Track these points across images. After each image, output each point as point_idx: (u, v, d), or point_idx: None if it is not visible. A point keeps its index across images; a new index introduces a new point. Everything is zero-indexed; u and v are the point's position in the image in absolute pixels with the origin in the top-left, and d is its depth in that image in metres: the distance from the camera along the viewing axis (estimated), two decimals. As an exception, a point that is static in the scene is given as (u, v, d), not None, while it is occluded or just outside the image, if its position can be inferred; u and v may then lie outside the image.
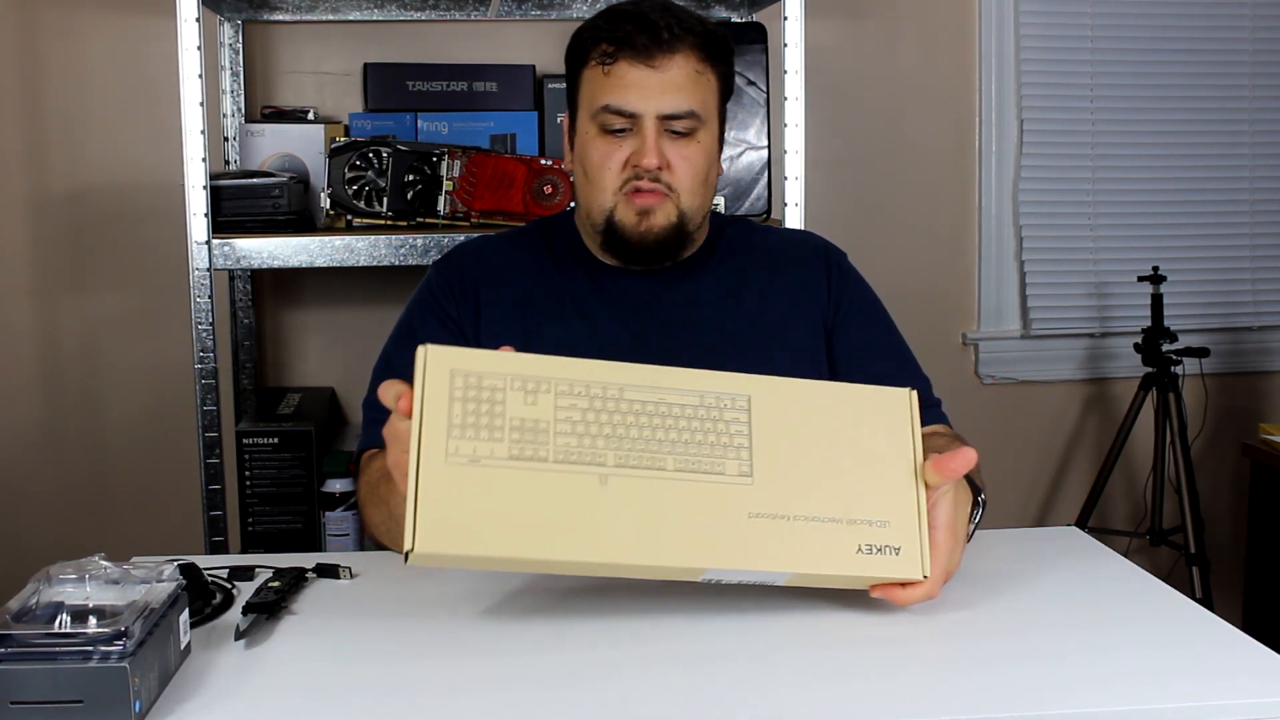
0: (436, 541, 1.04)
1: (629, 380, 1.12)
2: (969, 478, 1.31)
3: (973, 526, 1.28)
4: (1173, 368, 2.69)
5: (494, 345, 1.48)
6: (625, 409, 1.11)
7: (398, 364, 1.53)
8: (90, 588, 1.03)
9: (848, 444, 1.15)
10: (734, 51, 1.53)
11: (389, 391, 1.10)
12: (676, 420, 1.12)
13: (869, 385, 1.18)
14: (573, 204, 1.66)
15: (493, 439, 1.07)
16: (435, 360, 1.08)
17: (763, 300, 1.55)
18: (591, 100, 1.47)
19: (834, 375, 1.55)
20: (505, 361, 1.10)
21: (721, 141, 1.55)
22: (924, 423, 1.51)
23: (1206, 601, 2.59)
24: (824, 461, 1.14)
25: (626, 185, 1.46)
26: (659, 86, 1.44)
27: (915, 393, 1.18)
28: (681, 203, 1.48)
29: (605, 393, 1.11)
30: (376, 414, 1.50)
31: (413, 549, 1.03)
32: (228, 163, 2.46)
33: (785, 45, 2.13)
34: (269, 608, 1.18)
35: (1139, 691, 1.02)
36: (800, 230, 2.00)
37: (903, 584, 1.14)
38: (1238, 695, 1.02)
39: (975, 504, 1.27)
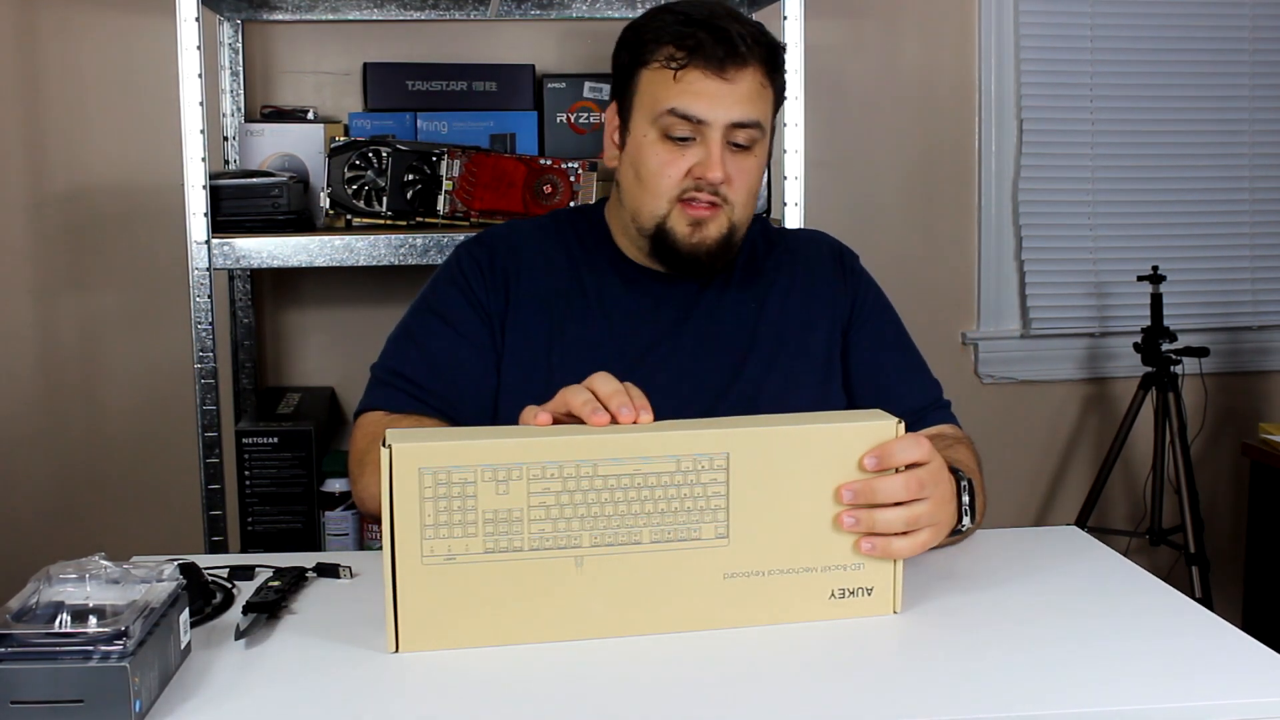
0: (419, 641, 1.09)
1: (604, 453, 1.09)
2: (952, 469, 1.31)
3: (965, 498, 1.30)
4: (1172, 367, 2.69)
5: (520, 338, 1.49)
6: (600, 485, 1.09)
7: (419, 334, 1.51)
8: (90, 587, 1.03)
9: (827, 487, 1.14)
10: (784, 63, 1.52)
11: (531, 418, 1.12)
12: (653, 490, 1.10)
13: (855, 420, 1.15)
14: (579, 201, 1.65)
15: (466, 535, 1.08)
16: (401, 459, 1.06)
17: (781, 303, 1.55)
18: (654, 103, 1.43)
19: (848, 377, 1.56)
20: (474, 449, 1.07)
21: (770, 154, 1.53)
22: (932, 423, 1.53)
23: (1206, 601, 2.59)
24: (801, 511, 1.14)
25: (684, 194, 1.44)
26: (730, 96, 1.41)
27: (903, 424, 1.15)
28: (734, 215, 1.46)
29: (579, 471, 1.08)
30: (389, 377, 1.48)
31: (396, 650, 1.09)
32: (227, 162, 2.46)
33: (785, 45, 2.13)
34: (269, 607, 1.18)
35: (1139, 691, 1.02)
36: (812, 230, 2.00)
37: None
38: (1238, 695, 1.02)
39: (960, 488, 1.29)
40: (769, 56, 1.45)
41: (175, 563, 1.12)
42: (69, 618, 0.97)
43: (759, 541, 1.13)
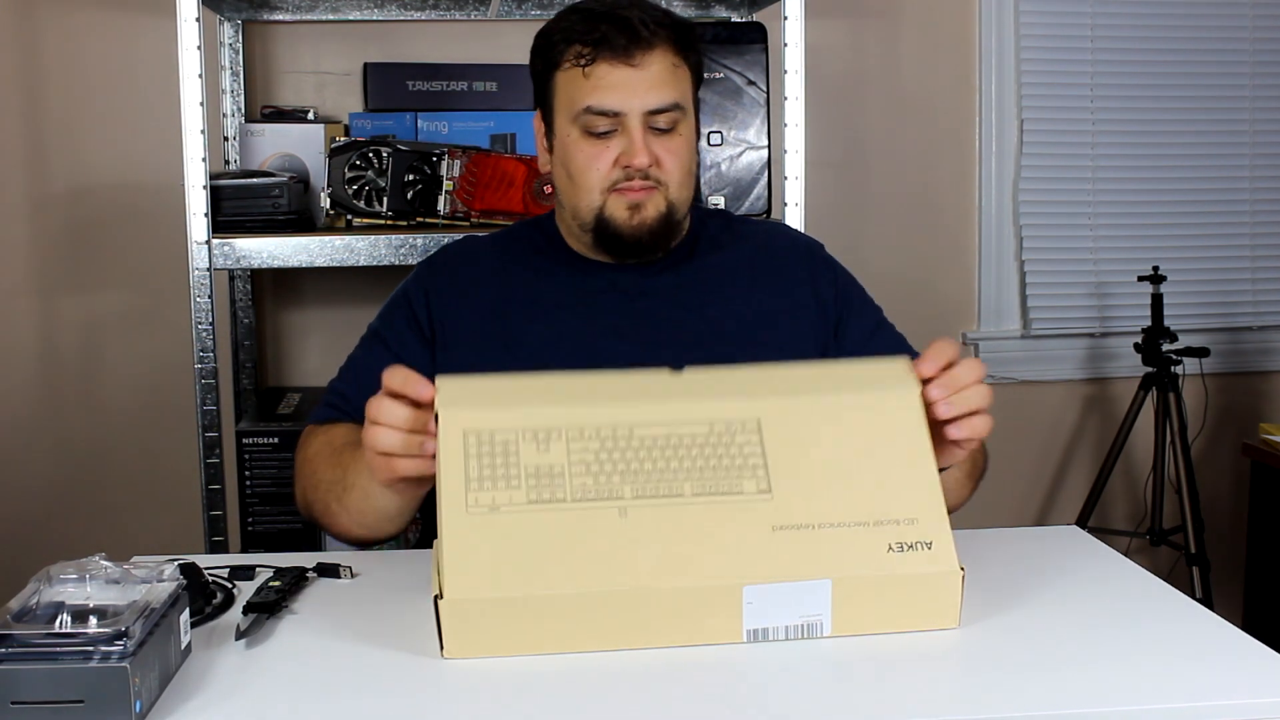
0: (464, 588, 1.07)
1: (637, 418, 1.14)
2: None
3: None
4: (1173, 367, 2.69)
5: (470, 350, 1.51)
6: (637, 444, 1.13)
7: (363, 359, 1.55)
8: (91, 588, 1.03)
9: (861, 447, 1.16)
10: (700, 39, 1.55)
11: (396, 376, 1.17)
12: (689, 449, 1.13)
13: (877, 389, 1.18)
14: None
15: (510, 487, 1.11)
16: (446, 424, 1.13)
17: (748, 295, 1.56)
18: (571, 103, 1.46)
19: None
20: (514, 415, 1.13)
21: (698, 131, 1.56)
22: None
23: (1206, 601, 2.59)
24: (840, 468, 1.15)
25: (615, 185, 1.47)
26: (642, 84, 1.44)
27: (908, 360, 1.21)
28: (670, 194, 1.48)
29: (616, 432, 1.13)
30: (333, 397, 1.53)
31: (441, 595, 1.07)
32: (228, 163, 2.46)
33: (785, 45, 2.13)
34: (270, 607, 1.18)
35: (1139, 691, 1.02)
36: (776, 223, 2.01)
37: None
38: (1238, 695, 1.02)
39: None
40: (677, 36, 1.47)
41: (176, 563, 1.12)
42: (69, 618, 0.97)
43: (803, 496, 1.13)
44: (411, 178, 2.10)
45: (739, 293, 1.56)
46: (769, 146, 2.23)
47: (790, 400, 1.17)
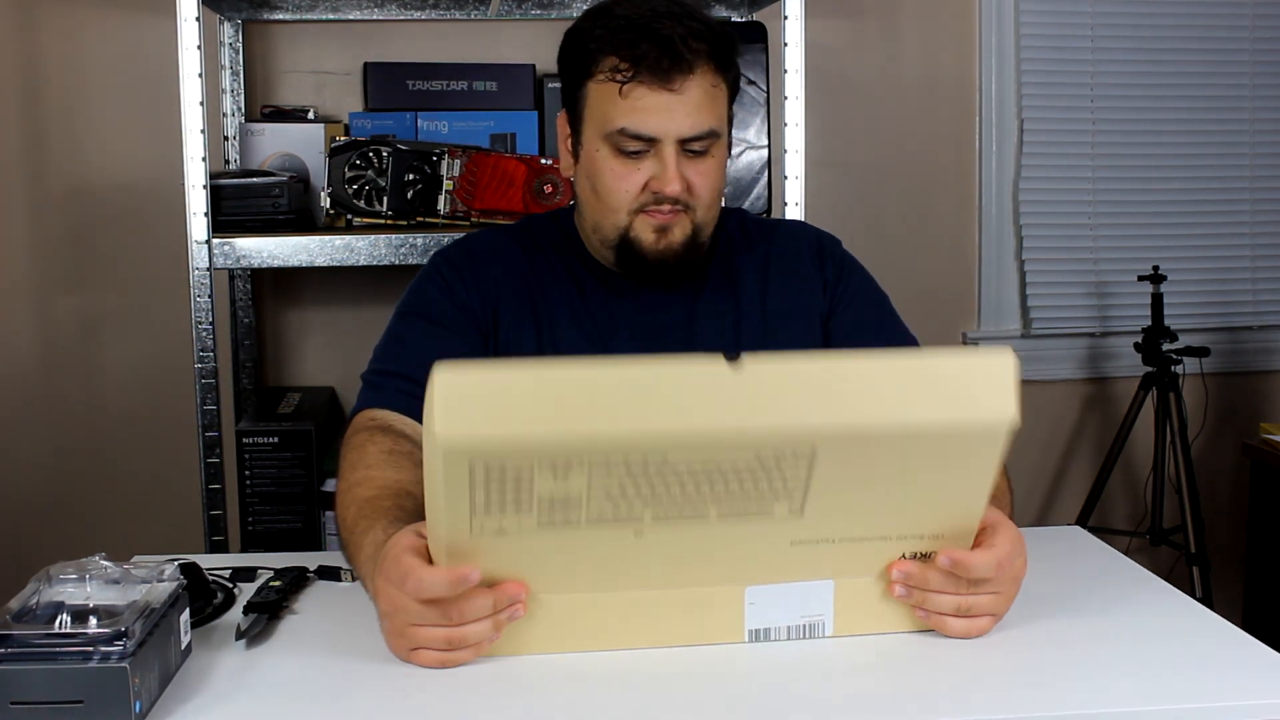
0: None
1: (674, 444, 0.97)
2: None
3: None
4: (1173, 367, 2.69)
5: (513, 347, 1.46)
6: (668, 472, 0.99)
7: (406, 335, 1.47)
8: (91, 588, 1.03)
9: (919, 482, 1.05)
10: (738, 48, 1.48)
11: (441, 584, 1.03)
12: (725, 475, 1.00)
13: (966, 411, 1.01)
14: (570, 202, 1.64)
15: (519, 512, 1.00)
16: (450, 452, 0.95)
17: (759, 298, 1.54)
18: (604, 119, 1.40)
19: None
20: (531, 441, 0.96)
21: (730, 145, 1.51)
22: None
23: (1206, 601, 2.59)
24: (884, 499, 1.06)
25: (644, 207, 1.42)
26: (680, 109, 1.38)
27: (1013, 357, 1.02)
28: (698, 216, 1.44)
29: (646, 463, 0.98)
30: (380, 379, 1.44)
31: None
32: (228, 162, 2.46)
33: (785, 45, 2.13)
34: (270, 608, 1.18)
35: (1139, 691, 1.02)
36: (793, 221, 1.98)
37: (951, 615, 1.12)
38: (1238, 695, 1.02)
39: None
40: (717, 52, 1.39)
41: (176, 563, 1.12)
42: (69, 618, 0.97)
43: (835, 516, 1.05)
44: (411, 177, 2.10)
45: (751, 299, 1.53)
46: (769, 146, 2.23)
47: (857, 426, 1.00)
